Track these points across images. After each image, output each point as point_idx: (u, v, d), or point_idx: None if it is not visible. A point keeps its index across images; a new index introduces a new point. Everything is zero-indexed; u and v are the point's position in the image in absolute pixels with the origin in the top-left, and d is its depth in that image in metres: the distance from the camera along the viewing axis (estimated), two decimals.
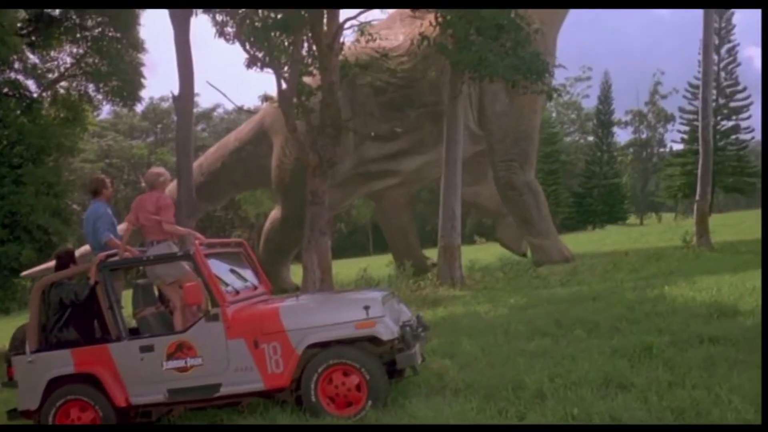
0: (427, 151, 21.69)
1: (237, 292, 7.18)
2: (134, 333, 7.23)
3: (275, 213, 23.39)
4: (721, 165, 50.30)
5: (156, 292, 7.80)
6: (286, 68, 15.59)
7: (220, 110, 67.47)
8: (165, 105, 61.48)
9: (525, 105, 20.20)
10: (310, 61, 16.43)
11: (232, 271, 7.58)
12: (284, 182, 22.19)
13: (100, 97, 21.42)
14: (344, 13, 15.58)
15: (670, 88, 69.77)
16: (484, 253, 27.48)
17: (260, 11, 14.97)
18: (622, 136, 73.38)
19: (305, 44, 16.12)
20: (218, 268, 7.22)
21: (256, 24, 14.89)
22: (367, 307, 6.46)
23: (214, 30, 15.75)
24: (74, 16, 20.41)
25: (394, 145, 21.49)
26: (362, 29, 17.79)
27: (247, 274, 7.83)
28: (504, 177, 20.73)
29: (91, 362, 6.83)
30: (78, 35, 20.70)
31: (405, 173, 22.67)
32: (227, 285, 7.13)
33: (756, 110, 57.27)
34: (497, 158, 20.80)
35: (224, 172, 24.15)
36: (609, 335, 8.45)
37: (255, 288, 7.66)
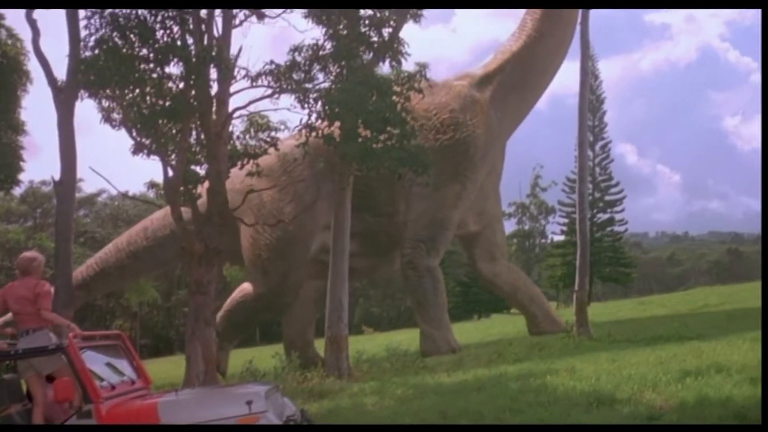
0: (381, 256, 22.09)
1: (113, 387, 6.88)
2: None
3: (248, 286, 22.33)
4: (598, 256, 52.48)
5: (24, 388, 7.38)
6: (173, 156, 15.41)
7: (104, 195, 65.83)
8: (46, 189, 59.41)
9: (448, 198, 20.96)
10: (198, 149, 16.31)
11: (109, 364, 7.29)
12: (261, 258, 21.31)
13: None
14: (234, 102, 15.65)
15: (550, 181, 72.94)
16: (371, 344, 27.41)
17: (148, 98, 14.83)
18: (506, 227, 75.81)
19: (193, 132, 16.03)
20: (94, 361, 6.93)
21: (144, 111, 14.72)
22: (249, 402, 6.32)
23: (99, 115, 15.51)
24: None
25: (351, 244, 21.00)
26: (251, 119, 17.80)
27: (125, 367, 7.53)
28: (408, 255, 21.17)
29: None
30: None
31: (360, 271, 22.34)
32: (102, 380, 6.84)
33: (628, 203, 60.39)
34: (407, 235, 21.31)
35: (173, 239, 21.94)
36: None
37: (133, 382, 7.36)
